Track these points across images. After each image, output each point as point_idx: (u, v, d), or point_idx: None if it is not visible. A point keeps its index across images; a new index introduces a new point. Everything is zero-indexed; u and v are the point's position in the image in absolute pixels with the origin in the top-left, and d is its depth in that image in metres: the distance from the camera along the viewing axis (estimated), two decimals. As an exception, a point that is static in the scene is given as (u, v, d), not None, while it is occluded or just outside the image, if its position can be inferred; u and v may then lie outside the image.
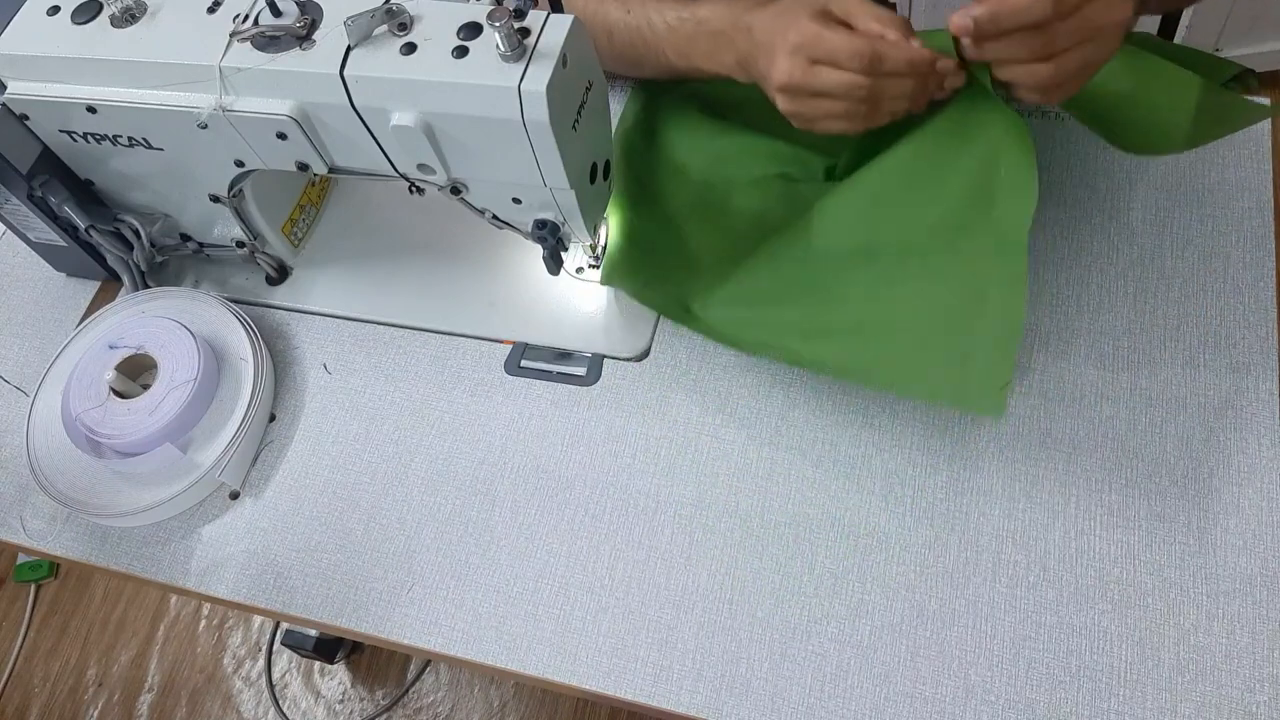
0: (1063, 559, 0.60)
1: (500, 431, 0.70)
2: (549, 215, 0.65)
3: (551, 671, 0.61)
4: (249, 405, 0.70)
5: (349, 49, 0.58)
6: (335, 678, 1.44)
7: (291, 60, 0.59)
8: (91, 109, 0.65)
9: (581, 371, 0.72)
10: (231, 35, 0.60)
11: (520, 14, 0.55)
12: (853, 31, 0.54)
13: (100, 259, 0.79)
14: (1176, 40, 1.60)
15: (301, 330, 0.78)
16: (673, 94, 0.78)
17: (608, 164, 0.66)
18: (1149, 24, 1.62)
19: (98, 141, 0.68)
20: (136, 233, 0.76)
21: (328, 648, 1.40)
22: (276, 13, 0.59)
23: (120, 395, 0.71)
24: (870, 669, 0.58)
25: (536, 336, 0.74)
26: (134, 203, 0.76)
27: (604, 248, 0.77)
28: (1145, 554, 0.59)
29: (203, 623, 1.51)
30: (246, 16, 0.60)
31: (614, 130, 0.76)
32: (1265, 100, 0.67)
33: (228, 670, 1.47)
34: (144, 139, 0.67)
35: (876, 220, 0.62)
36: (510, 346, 0.74)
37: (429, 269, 0.79)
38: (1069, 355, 0.67)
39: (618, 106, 0.82)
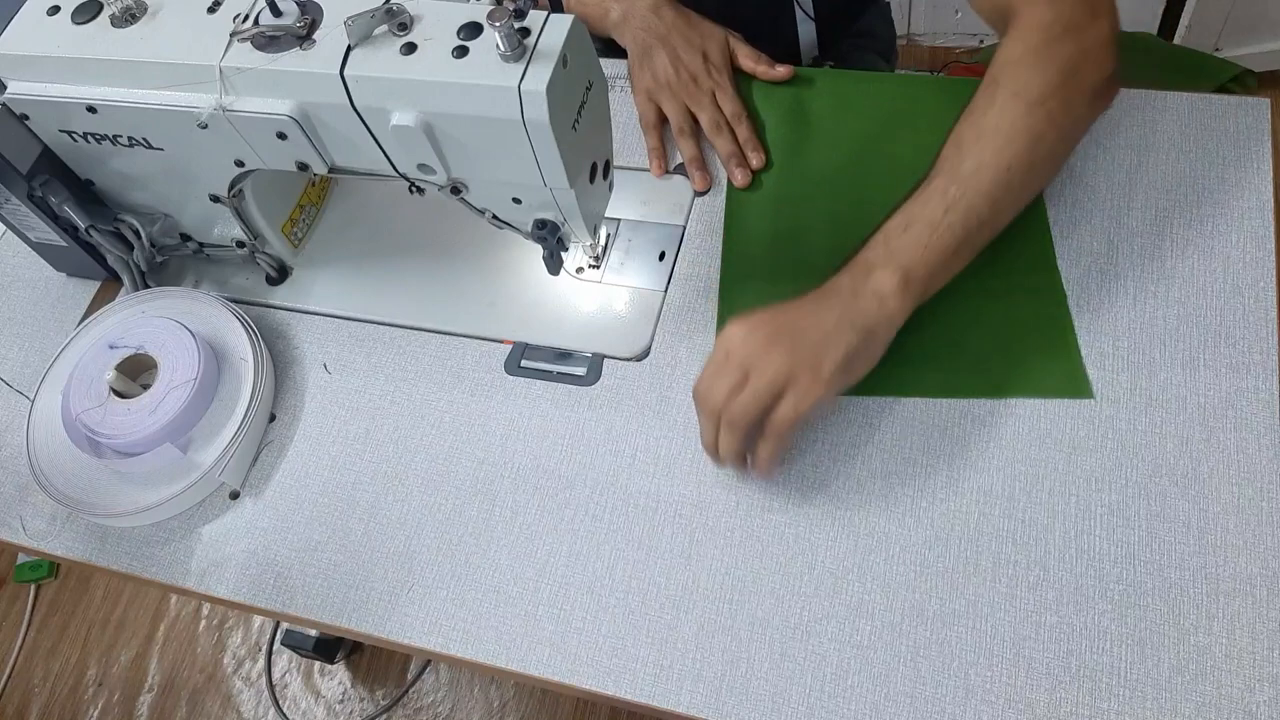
0: (1063, 559, 0.60)
1: (500, 431, 0.70)
2: (549, 215, 0.65)
3: (551, 671, 0.61)
4: (249, 405, 0.70)
5: (349, 49, 0.58)
6: (335, 678, 1.44)
7: (291, 60, 0.59)
8: (91, 109, 0.65)
9: (581, 371, 0.72)
10: (231, 35, 0.60)
11: (520, 14, 0.55)
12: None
13: (100, 259, 0.79)
14: (1176, 40, 1.61)
15: (301, 330, 0.78)
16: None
17: (608, 164, 0.66)
18: (1149, 23, 1.62)
19: (98, 141, 0.68)
20: (136, 233, 0.76)
21: (328, 648, 1.40)
22: (276, 13, 0.59)
23: (120, 395, 0.71)
24: (870, 669, 0.58)
25: (536, 336, 0.74)
26: (134, 203, 0.76)
27: (604, 248, 0.77)
28: (1145, 554, 0.59)
29: (203, 623, 1.51)
30: (246, 16, 0.60)
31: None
32: None
33: (228, 670, 1.47)
34: (144, 139, 0.67)
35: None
36: (510, 346, 0.74)
37: (429, 269, 0.79)
38: (1069, 355, 0.67)
39: (618, 107, 0.82)
